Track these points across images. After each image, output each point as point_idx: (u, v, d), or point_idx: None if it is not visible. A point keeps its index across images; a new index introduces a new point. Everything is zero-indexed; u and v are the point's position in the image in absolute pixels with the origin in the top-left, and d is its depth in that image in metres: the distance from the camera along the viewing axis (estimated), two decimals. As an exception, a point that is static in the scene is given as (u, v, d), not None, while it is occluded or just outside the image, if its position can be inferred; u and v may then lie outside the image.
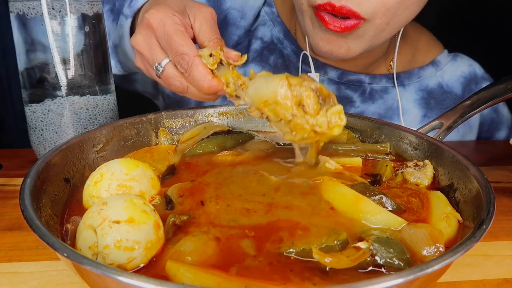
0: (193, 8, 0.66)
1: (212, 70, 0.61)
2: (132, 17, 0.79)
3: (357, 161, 0.61)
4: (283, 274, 0.39)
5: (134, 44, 0.68)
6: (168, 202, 0.50)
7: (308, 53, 0.92)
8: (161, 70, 0.65)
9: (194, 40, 0.66)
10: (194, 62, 0.60)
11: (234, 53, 0.62)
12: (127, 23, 0.78)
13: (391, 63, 0.98)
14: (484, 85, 0.71)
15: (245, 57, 0.62)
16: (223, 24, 0.97)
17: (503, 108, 1.06)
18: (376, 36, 0.78)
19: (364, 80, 0.97)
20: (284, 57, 0.99)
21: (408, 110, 0.98)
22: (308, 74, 0.91)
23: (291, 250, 0.42)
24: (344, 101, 0.98)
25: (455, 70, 1.01)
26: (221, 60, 0.61)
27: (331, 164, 0.57)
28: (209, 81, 0.60)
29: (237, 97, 0.59)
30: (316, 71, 0.94)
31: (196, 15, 0.66)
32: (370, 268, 0.41)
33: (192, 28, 0.66)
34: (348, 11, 0.72)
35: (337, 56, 0.80)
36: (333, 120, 0.51)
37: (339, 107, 0.51)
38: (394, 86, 0.97)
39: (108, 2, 0.89)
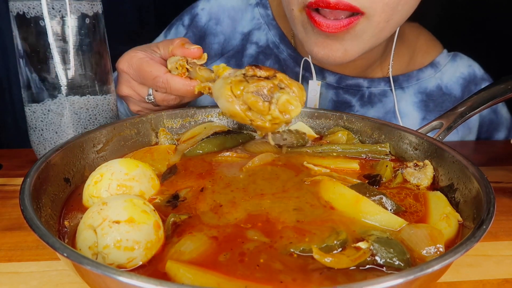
0: (153, 44, 0.74)
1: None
2: None
3: (354, 166, 0.60)
4: (281, 274, 0.39)
5: (121, 94, 0.75)
6: (174, 202, 0.51)
7: (310, 59, 0.91)
8: (152, 98, 0.72)
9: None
10: (168, 78, 0.66)
11: (193, 49, 0.67)
12: None
13: (389, 66, 0.97)
14: (483, 86, 0.70)
15: (205, 55, 0.67)
16: (202, 38, 1.01)
17: (502, 108, 1.06)
18: (375, 37, 0.75)
19: (363, 84, 0.96)
20: (281, 61, 0.98)
21: (407, 113, 0.98)
22: (309, 81, 0.92)
23: (291, 249, 0.42)
24: (343, 106, 0.97)
25: (454, 71, 1.00)
26: (187, 61, 0.66)
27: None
28: (190, 83, 0.66)
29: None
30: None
31: (158, 45, 0.73)
32: (369, 265, 0.41)
33: (160, 57, 0.73)
34: (345, 5, 0.68)
35: (335, 61, 0.77)
36: (288, 108, 0.53)
37: (284, 98, 0.52)
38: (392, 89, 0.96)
39: None
